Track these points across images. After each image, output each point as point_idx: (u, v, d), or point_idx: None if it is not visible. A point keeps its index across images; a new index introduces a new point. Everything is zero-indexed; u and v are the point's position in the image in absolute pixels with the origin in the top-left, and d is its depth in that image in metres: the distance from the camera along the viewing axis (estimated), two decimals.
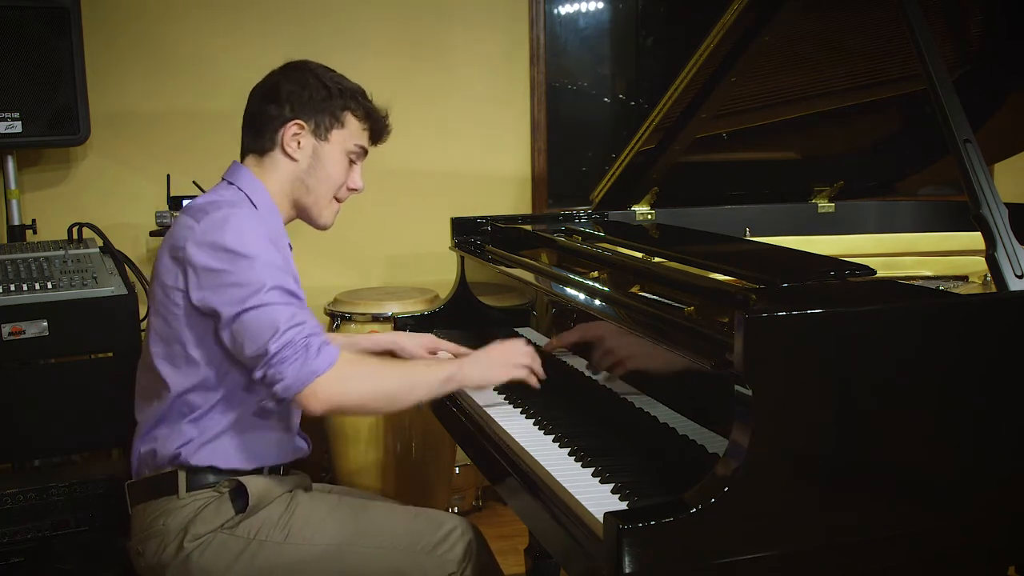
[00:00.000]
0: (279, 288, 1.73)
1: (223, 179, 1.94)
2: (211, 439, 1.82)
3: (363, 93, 1.98)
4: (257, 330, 1.69)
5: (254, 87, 1.96)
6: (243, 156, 1.96)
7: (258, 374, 1.71)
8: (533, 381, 1.93)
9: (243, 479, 1.82)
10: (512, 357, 1.93)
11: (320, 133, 1.92)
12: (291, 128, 1.89)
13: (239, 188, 1.90)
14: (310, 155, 1.92)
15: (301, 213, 1.98)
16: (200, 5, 3.46)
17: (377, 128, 2.00)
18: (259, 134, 1.92)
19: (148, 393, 1.88)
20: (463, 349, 2.18)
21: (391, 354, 2.22)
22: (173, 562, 1.78)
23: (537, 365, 1.95)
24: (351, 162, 1.97)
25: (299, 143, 1.91)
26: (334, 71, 1.98)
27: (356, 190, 1.99)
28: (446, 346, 2.23)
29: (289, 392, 1.69)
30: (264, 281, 1.71)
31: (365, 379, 1.76)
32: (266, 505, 1.83)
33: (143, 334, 1.99)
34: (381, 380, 1.79)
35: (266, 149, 1.92)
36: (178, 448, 1.81)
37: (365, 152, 1.99)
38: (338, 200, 1.99)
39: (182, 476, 1.81)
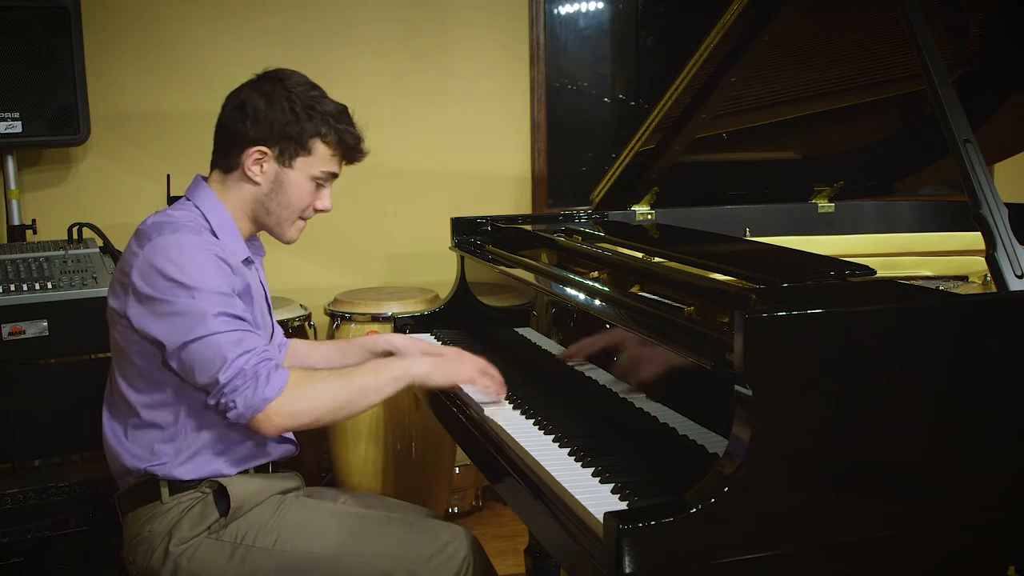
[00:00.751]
0: (223, 315, 1.71)
1: (184, 195, 1.92)
2: (188, 458, 1.81)
3: (338, 116, 1.89)
4: (205, 361, 1.69)
5: (229, 93, 1.91)
6: (212, 167, 1.93)
7: (211, 401, 1.72)
8: (491, 387, 1.94)
9: (225, 481, 1.82)
10: (465, 360, 1.95)
11: (283, 160, 1.86)
12: (253, 154, 1.85)
13: (195, 206, 1.87)
14: (272, 180, 1.87)
15: (263, 229, 1.95)
16: (200, 5, 3.46)
17: (349, 154, 1.93)
18: (226, 151, 1.89)
19: (113, 406, 1.88)
20: (487, 380, 2.08)
21: (390, 355, 2.18)
22: (162, 568, 1.78)
23: (492, 371, 1.96)
24: (318, 186, 1.91)
25: (261, 167, 1.86)
26: (314, 88, 1.90)
27: (322, 210, 1.95)
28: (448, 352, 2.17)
29: (242, 419, 1.70)
30: (206, 310, 1.70)
31: (315, 397, 1.75)
32: (252, 508, 1.82)
33: None
34: (331, 394, 1.77)
35: (230, 167, 1.88)
36: (154, 467, 1.81)
37: (335, 176, 1.93)
38: (303, 219, 1.94)
39: (164, 482, 1.81)
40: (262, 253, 2.04)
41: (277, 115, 1.84)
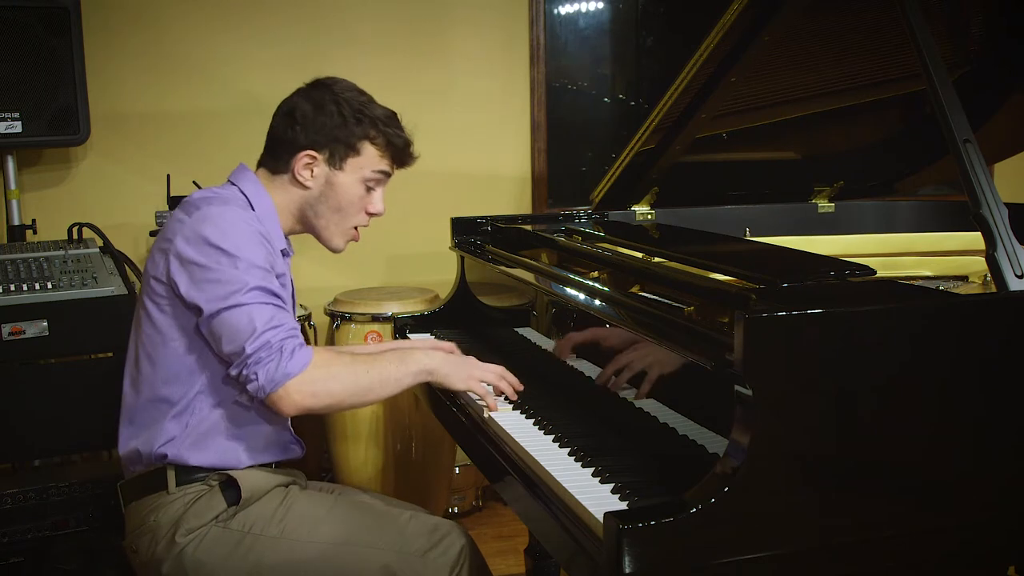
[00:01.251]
0: (260, 288, 1.74)
1: (228, 180, 1.95)
2: (197, 440, 1.82)
3: (387, 120, 1.93)
4: (235, 329, 1.71)
5: (280, 103, 1.94)
6: (259, 165, 1.96)
7: (233, 371, 1.74)
8: (509, 391, 1.94)
9: (233, 473, 1.83)
10: (487, 372, 1.95)
11: (334, 162, 1.90)
12: (303, 158, 1.89)
13: (240, 189, 1.90)
14: (323, 183, 1.91)
15: (311, 232, 1.99)
16: (200, 5, 3.46)
17: (399, 156, 1.96)
18: (275, 155, 1.93)
19: (129, 386, 1.89)
20: (506, 385, 2.05)
21: None
22: (167, 557, 1.78)
23: (510, 379, 1.95)
24: (368, 189, 1.95)
25: (311, 172, 1.91)
26: (363, 94, 1.94)
27: (375, 214, 1.98)
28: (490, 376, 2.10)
29: (262, 392, 1.71)
30: (246, 280, 1.73)
31: (336, 380, 1.76)
32: (259, 498, 1.83)
33: None
34: (352, 379, 1.79)
35: (279, 171, 1.93)
36: (162, 447, 1.81)
37: (387, 176, 1.96)
38: (357, 226, 1.98)
39: (171, 472, 1.82)
40: (291, 253, 2.04)
41: (326, 120, 1.88)
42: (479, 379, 1.93)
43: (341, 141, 1.89)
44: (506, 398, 1.96)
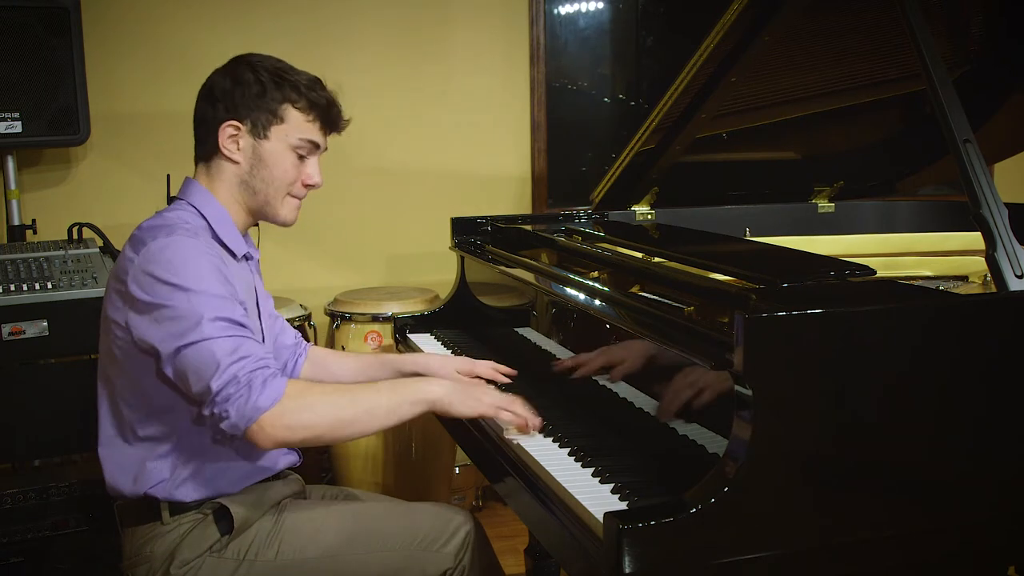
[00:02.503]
0: (220, 319, 1.63)
1: (177, 195, 1.88)
2: (185, 479, 1.76)
3: (308, 83, 1.83)
4: (199, 367, 1.60)
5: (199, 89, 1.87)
6: (195, 164, 1.89)
7: (205, 411, 1.63)
8: (516, 421, 1.79)
9: (225, 501, 1.78)
10: (500, 401, 1.80)
11: (258, 131, 1.81)
12: (226, 129, 1.80)
13: (188, 203, 1.84)
14: (251, 155, 1.82)
15: (258, 215, 1.89)
16: (200, 5, 3.46)
17: (327, 118, 1.86)
18: (203, 140, 1.85)
19: (104, 413, 1.82)
20: (499, 374, 2.07)
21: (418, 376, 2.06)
22: None
23: (518, 407, 1.79)
24: (300, 157, 1.85)
25: (238, 144, 1.81)
26: (281, 61, 1.85)
27: (312, 185, 1.88)
28: (482, 369, 2.07)
29: (236, 430, 1.61)
30: (202, 313, 1.62)
31: (312, 411, 1.64)
32: (254, 523, 1.80)
33: None
34: (331, 410, 1.66)
35: (210, 154, 1.84)
36: (151, 488, 1.76)
37: (317, 146, 1.86)
38: (295, 196, 1.87)
39: (164, 505, 1.77)
40: (256, 255, 1.97)
41: (244, 89, 1.80)
42: (491, 405, 1.78)
43: (262, 108, 1.80)
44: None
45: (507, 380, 2.05)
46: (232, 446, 1.80)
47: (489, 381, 2.04)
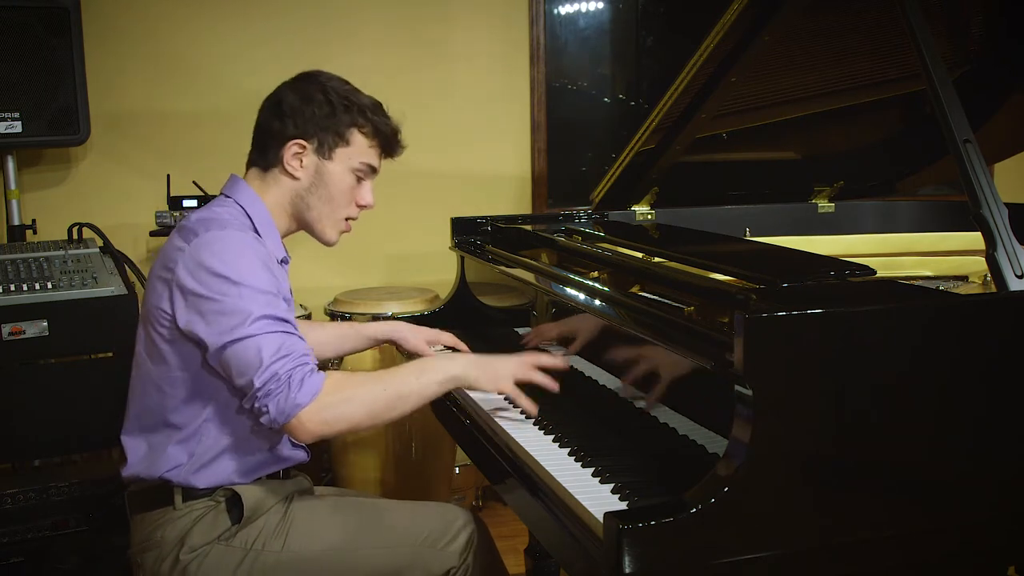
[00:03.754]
0: (267, 317, 1.68)
1: (221, 193, 1.91)
2: (202, 466, 1.79)
3: (374, 108, 1.91)
4: (243, 362, 1.66)
5: (265, 98, 1.92)
6: (248, 167, 1.93)
7: (246, 405, 1.69)
8: (548, 383, 1.85)
9: (238, 488, 1.81)
10: (519, 367, 1.86)
11: (323, 152, 1.87)
12: (292, 147, 1.85)
13: (236, 202, 1.86)
14: (312, 173, 1.87)
15: (304, 227, 1.95)
16: (200, 5, 3.46)
17: (387, 145, 1.94)
18: (263, 150, 1.88)
19: (135, 398, 1.86)
20: (461, 344, 2.25)
21: (393, 344, 2.28)
22: (171, 574, 1.78)
23: (545, 362, 1.88)
24: (358, 179, 1.92)
25: (301, 162, 1.86)
26: (347, 83, 1.91)
27: (365, 207, 1.95)
28: (446, 339, 2.25)
29: (275, 424, 1.67)
30: (251, 310, 1.67)
31: (350, 403, 1.70)
32: (263, 514, 1.82)
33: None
34: (368, 400, 1.72)
35: (269, 165, 1.88)
36: (167, 472, 1.78)
37: (375, 170, 1.94)
38: (349, 218, 1.95)
39: (177, 489, 1.79)
40: (289, 260, 2.01)
41: (314, 109, 1.85)
42: (510, 378, 1.85)
43: (330, 130, 1.86)
44: (507, 399, 1.93)
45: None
46: (254, 436, 1.83)
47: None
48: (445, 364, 1.83)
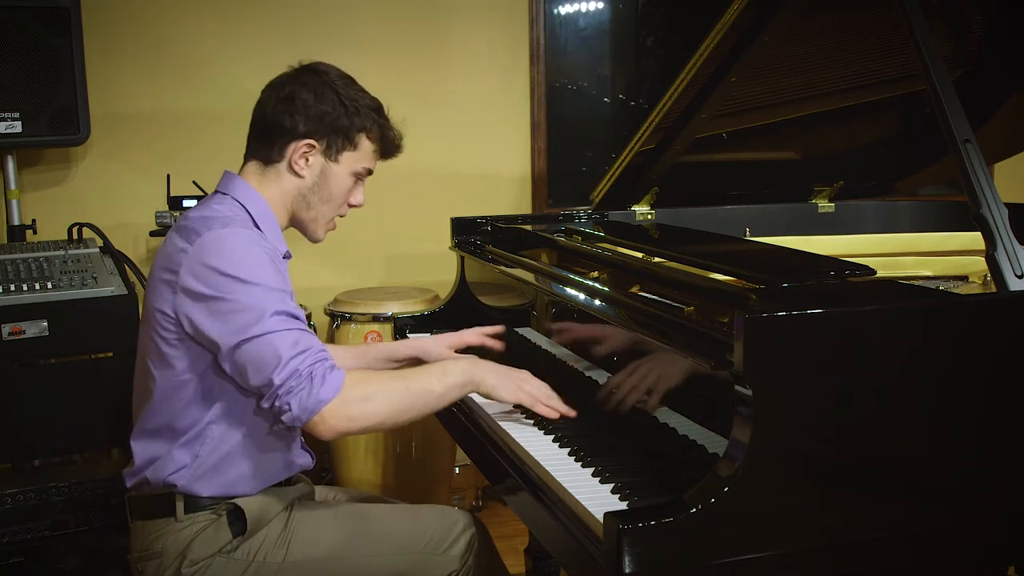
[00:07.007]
0: (281, 313, 1.66)
1: (216, 190, 1.87)
2: (207, 471, 1.77)
3: (380, 109, 1.90)
4: (260, 361, 1.63)
5: (267, 87, 1.88)
6: (245, 159, 1.89)
7: (265, 404, 1.66)
8: (551, 414, 1.83)
9: (240, 502, 1.78)
10: (534, 388, 1.84)
11: (331, 154, 1.85)
12: (301, 147, 1.82)
13: (234, 199, 1.83)
14: (317, 174, 1.85)
15: (296, 224, 1.92)
16: (200, 5, 3.46)
17: (388, 149, 1.93)
18: (268, 143, 1.84)
19: (140, 403, 1.84)
20: (488, 337, 2.17)
21: (418, 361, 2.14)
22: None
23: (556, 404, 1.83)
24: (356, 181, 1.91)
25: (307, 161, 1.84)
26: (353, 81, 1.89)
27: (357, 206, 1.94)
28: (470, 338, 2.16)
29: (298, 422, 1.64)
30: (265, 307, 1.64)
31: (372, 401, 1.68)
32: (264, 525, 1.80)
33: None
34: (390, 398, 1.71)
35: (272, 160, 1.85)
36: (171, 475, 1.76)
37: (371, 172, 1.93)
38: (339, 216, 1.94)
39: (179, 498, 1.77)
40: (290, 255, 1.97)
41: (327, 109, 1.82)
42: (528, 392, 1.83)
43: (340, 132, 1.84)
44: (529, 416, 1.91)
45: (499, 345, 2.15)
46: (262, 440, 1.81)
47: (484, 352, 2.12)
48: (468, 368, 1.82)
